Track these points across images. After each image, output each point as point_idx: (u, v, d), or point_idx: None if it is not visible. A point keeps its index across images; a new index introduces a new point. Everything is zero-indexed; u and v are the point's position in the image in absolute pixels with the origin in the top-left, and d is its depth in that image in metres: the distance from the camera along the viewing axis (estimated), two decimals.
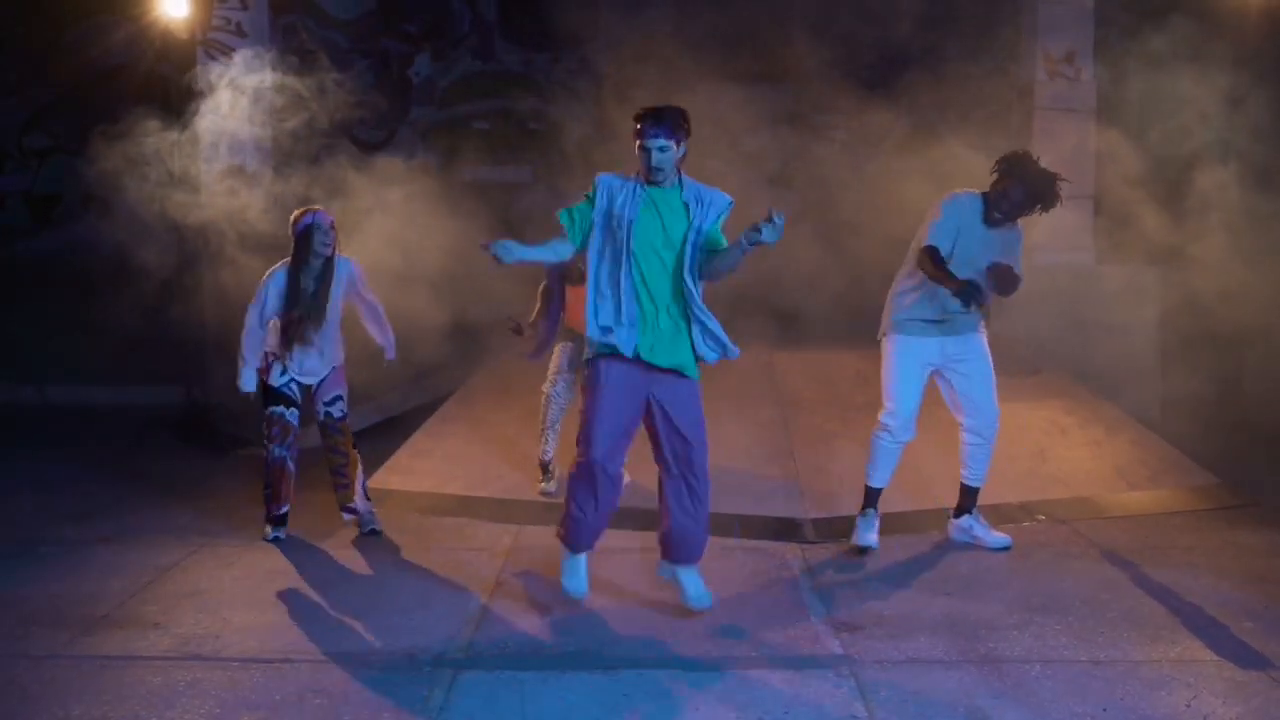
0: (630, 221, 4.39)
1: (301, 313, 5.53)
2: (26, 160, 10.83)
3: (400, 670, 4.11)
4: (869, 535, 5.47)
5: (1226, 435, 7.48)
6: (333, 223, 5.61)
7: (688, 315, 4.45)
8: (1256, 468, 6.77)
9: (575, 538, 4.61)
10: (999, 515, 5.82)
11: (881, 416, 5.43)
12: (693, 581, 4.64)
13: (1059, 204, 5.25)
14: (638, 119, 4.39)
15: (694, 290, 4.43)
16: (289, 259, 5.58)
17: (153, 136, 7.41)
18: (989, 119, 8.80)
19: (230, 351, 8.04)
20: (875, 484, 5.51)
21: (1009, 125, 9.24)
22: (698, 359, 4.49)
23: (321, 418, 5.75)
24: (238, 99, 7.74)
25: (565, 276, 5.96)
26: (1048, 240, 9.37)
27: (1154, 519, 5.97)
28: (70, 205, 10.65)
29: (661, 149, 4.35)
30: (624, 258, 4.40)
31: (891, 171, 10.23)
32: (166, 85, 9.32)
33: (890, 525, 5.79)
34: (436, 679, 4.03)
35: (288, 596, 4.89)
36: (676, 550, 4.62)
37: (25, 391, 9.36)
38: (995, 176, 5.29)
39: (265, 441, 5.67)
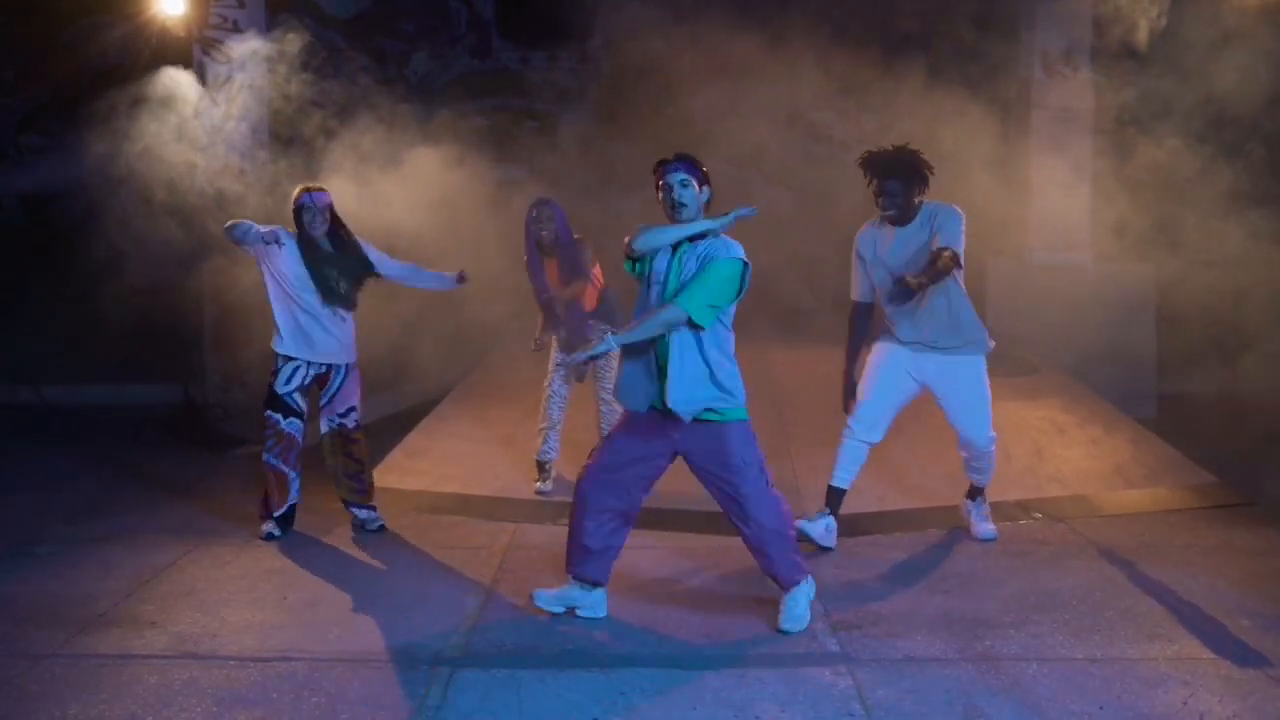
0: (662, 283, 4.36)
1: (326, 270, 5.52)
2: (23, 159, 10.82)
3: (397, 668, 4.10)
4: (814, 529, 5.39)
5: (1224, 434, 7.48)
6: (329, 204, 5.59)
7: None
8: (1254, 467, 6.76)
9: None
10: (997, 514, 5.81)
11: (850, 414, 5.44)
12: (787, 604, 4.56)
13: (930, 169, 5.19)
14: (657, 165, 4.37)
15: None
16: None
17: (149, 135, 7.40)
18: (987, 118, 8.79)
19: (227, 350, 8.08)
20: (834, 482, 5.46)
21: (1007, 124, 9.25)
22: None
23: (335, 427, 5.73)
24: (234, 96, 7.73)
25: (540, 247, 5.94)
26: (1045, 240, 9.41)
27: (1151, 517, 5.97)
28: (66, 205, 10.63)
29: (683, 183, 4.29)
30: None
31: None
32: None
33: (887, 524, 5.80)
34: (434, 677, 4.03)
35: (284, 595, 4.88)
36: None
37: (22, 391, 9.35)
38: (869, 186, 5.28)
39: (262, 443, 5.68)
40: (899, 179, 5.17)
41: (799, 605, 4.50)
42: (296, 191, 5.63)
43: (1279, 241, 8.01)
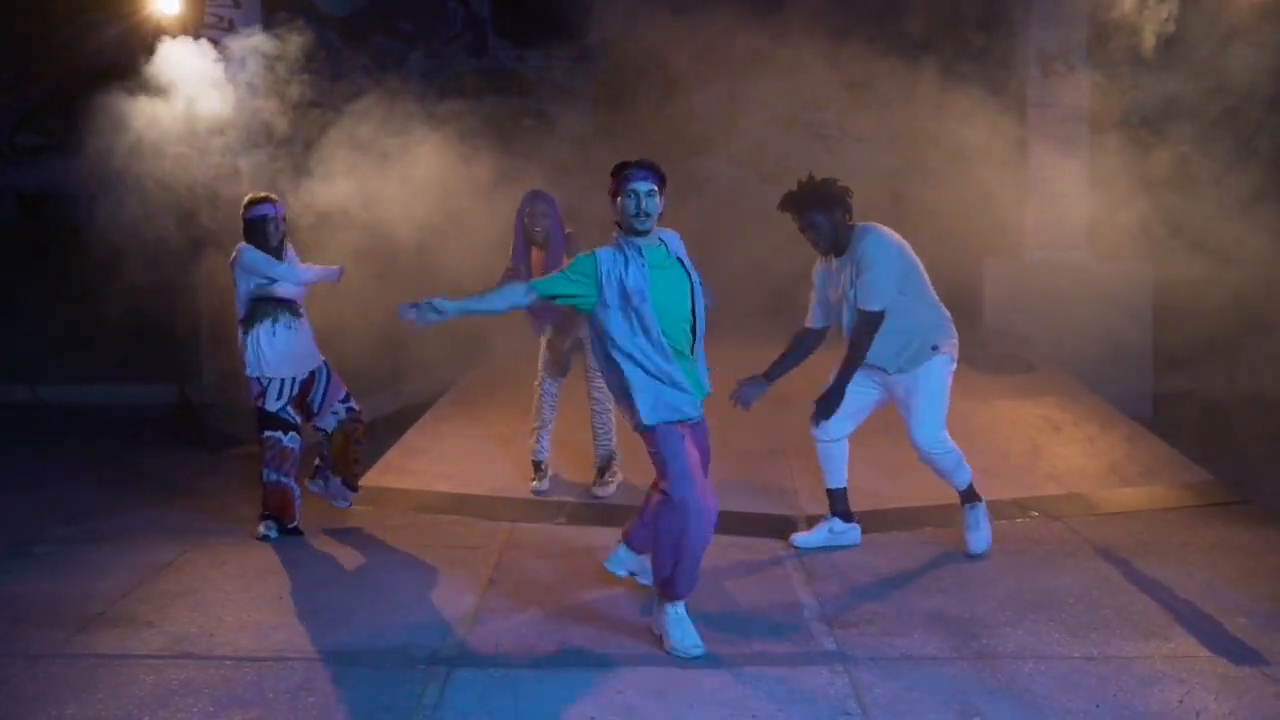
0: (644, 293, 4.24)
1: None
2: (19, 159, 10.81)
3: (394, 668, 4.11)
4: (812, 540, 5.46)
5: (1221, 432, 7.48)
6: (284, 215, 5.67)
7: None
8: (1250, 464, 6.77)
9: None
10: (992, 512, 5.81)
11: None
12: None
13: (848, 193, 5.13)
14: (619, 169, 4.30)
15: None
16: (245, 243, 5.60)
17: (144, 135, 7.39)
18: (985, 116, 8.80)
19: (225, 349, 8.07)
20: (829, 485, 5.51)
21: (1005, 123, 9.25)
22: None
23: (344, 416, 5.79)
24: (230, 95, 7.72)
25: (529, 239, 5.92)
26: (1043, 238, 9.41)
27: (1148, 515, 5.97)
28: (63, 204, 10.62)
29: (650, 193, 4.24)
30: (652, 332, 4.24)
31: (885, 170, 10.25)
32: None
33: (884, 522, 5.79)
34: (430, 676, 4.03)
35: (281, 595, 4.89)
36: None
37: (18, 391, 9.35)
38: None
39: (263, 463, 5.68)
40: (820, 211, 5.13)
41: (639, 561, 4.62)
42: (252, 198, 5.61)
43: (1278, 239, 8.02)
